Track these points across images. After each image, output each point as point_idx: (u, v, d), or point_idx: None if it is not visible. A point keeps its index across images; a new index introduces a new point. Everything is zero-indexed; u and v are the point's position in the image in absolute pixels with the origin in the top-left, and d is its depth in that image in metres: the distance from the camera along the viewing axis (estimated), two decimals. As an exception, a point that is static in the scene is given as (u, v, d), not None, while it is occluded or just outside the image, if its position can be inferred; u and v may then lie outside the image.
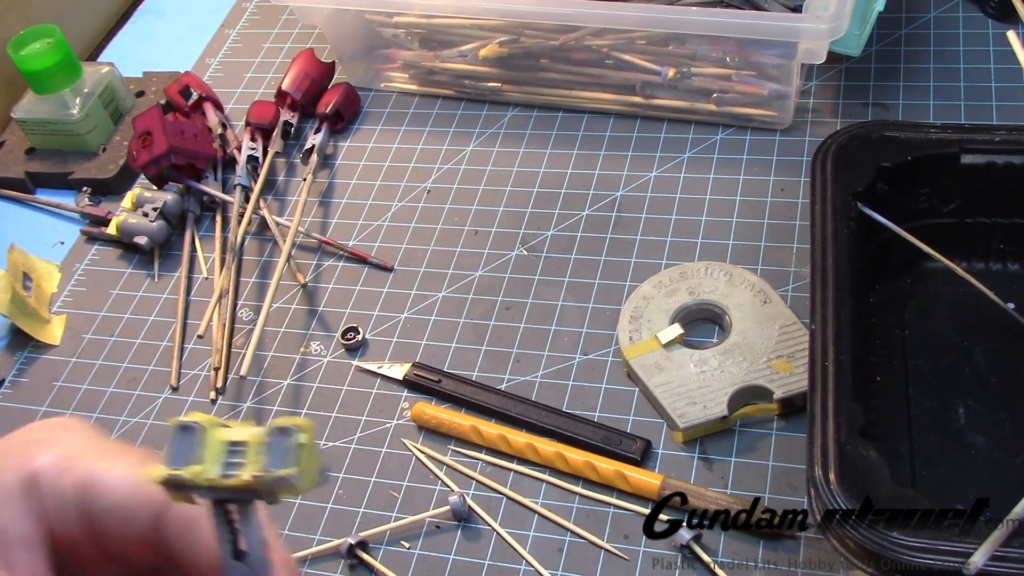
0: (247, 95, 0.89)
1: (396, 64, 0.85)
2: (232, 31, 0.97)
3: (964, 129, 0.60)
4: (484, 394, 0.64)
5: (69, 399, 0.71)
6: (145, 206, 0.78)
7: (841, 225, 0.56)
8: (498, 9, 0.74)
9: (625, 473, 0.58)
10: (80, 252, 0.81)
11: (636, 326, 0.64)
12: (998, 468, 0.54)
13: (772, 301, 0.63)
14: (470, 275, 0.72)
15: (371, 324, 0.70)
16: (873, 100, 0.76)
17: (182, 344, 0.72)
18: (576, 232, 0.73)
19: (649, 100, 0.78)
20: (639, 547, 0.57)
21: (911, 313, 0.61)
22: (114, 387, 0.71)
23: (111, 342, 0.74)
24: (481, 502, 0.60)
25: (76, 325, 0.76)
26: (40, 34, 0.83)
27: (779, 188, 0.72)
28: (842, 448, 0.48)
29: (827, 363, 0.51)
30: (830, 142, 0.60)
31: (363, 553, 0.59)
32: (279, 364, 0.70)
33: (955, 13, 0.80)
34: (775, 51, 0.71)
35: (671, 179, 0.74)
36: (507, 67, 0.80)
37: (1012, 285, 0.61)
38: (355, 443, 0.64)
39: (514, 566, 0.57)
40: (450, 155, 0.80)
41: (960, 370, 0.58)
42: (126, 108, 0.88)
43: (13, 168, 0.86)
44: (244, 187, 0.79)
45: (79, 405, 0.70)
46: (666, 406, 0.60)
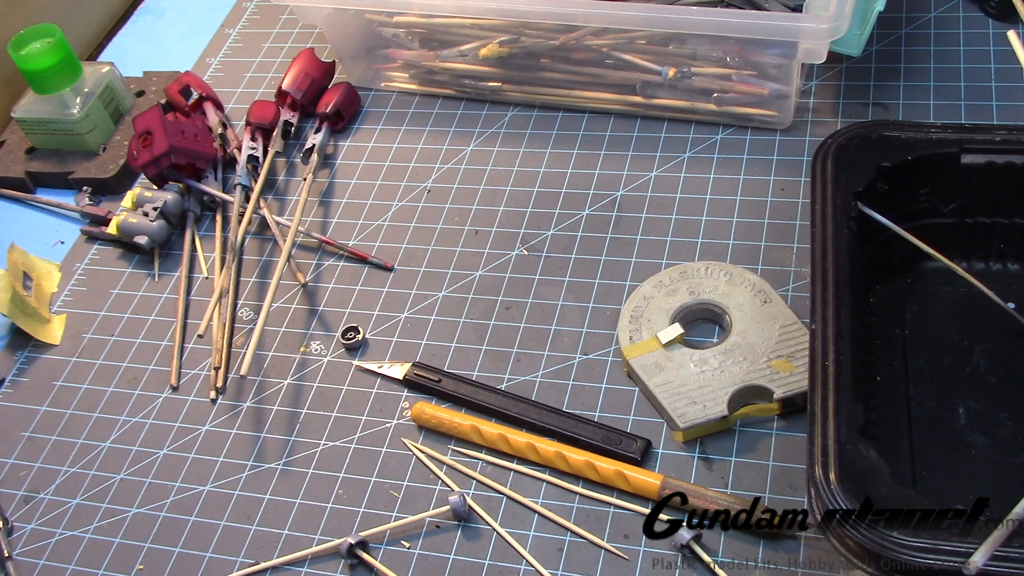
0: (247, 95, 0.89)
1: (396, 64, 0.85)
2: (232, 31, 0.97)
3: (964, 129, 0.60)
4: (484, 394, 0.64)
5: (69, 399, 0.71)
6: (145, 206, 0.78)
7: (841, 225, 0.57)
8: (498, 9, 0.74)
9: (625, 473, 0.58)
10: (80, 252, 0.81)
11: (636, 326, 0.64)
12: (998, 468, 0.54)
13: (772, 301, 0.63)
14: (470, 275, 0.72)
15: (371, 324, 0.70)
16: (873, 100, 0.76)
17: (182, 344, 0.72)
18: (576, 232, 0.73)
19: (649, 100, 0.78)
20: (639, 547, 0.57)
21: (911, 313, 0.61)
22: (114, 387, 0.71)
23: (111, 342, 0.74)
24: (481, 502, 0.60)
25: (76, 325, 0.76)
26: (40, 34, 0.83)
27: (779, 188, 0.72)
28: (842, 448, 0.48)
29: (827, 363, 0.51)
30: (830, 142, 0.60)
31: (363, 553, 0.59)
32: (279, 364, 0.70)
33: (955, 13, 0.80)
34: (775, 51, 0.71)
35: (671, 179, 0.74)
36: (507, 67, 0.80)
37: (1012, 285, 0.61)
38: (355, 443, 0.64)
39: (514, 566, 0.57)
40: (450, 155, 0.80)
41: (960, 370, 0.58)
42: (126, 108, 0.88)
43: (13, 168, 0.86)
44: (244, 187, 0.79)
45: (79, 405, 0.70)
46: (666, 406, 0.60)
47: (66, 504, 0.65)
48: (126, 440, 0.68)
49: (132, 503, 0.65)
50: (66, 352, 0.74)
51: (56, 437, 0.69)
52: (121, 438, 0.68)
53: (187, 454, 0.66)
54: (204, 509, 0.63)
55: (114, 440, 0.68)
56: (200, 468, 0.65)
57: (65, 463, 0.67)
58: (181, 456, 0.66)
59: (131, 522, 0.64)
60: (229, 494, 0.64)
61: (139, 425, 0.68)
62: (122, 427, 0.68)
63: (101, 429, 0.69)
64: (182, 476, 0.65)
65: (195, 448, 0.66)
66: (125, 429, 0.68)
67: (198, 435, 0.67)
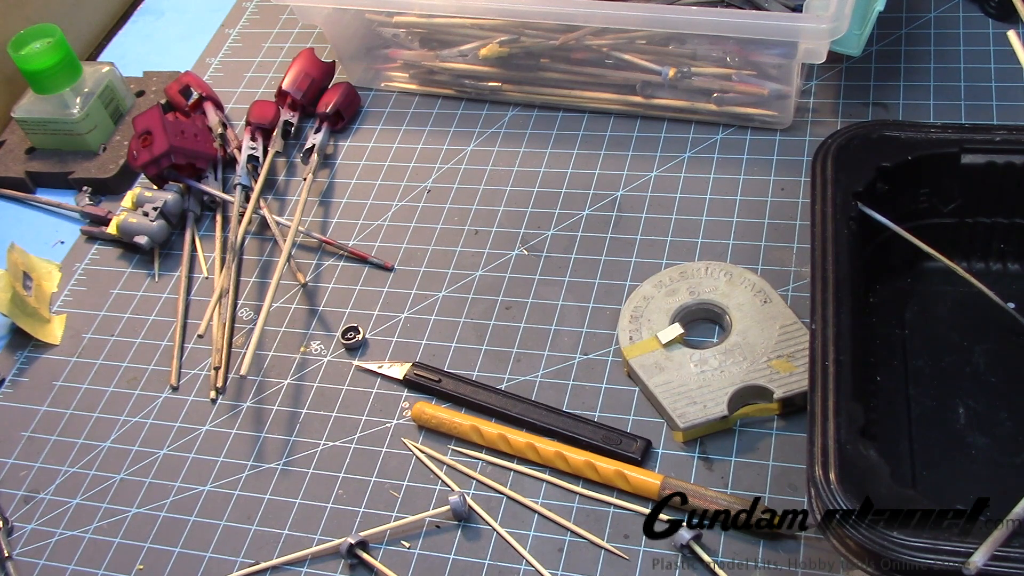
0: (247, 95, 0.89)
1: (396, 64, 0.85)
2: (232, 31, 0.97)
3: (964, 129, 0.60)
4: (484, 394, 0.64)
5: (69, 399, 0.71)
6: (145, 206, 0.78)
7: (841, 225, 0.56)
8: (498, 9, 0.74)
9: (625, 473, 0.58)
10: (80, 252, 0.81)
11: (636, 326, 0.64)
12: (998, 468, 0.54)
13: (772, 301, 0.63)
14: (470, 275, 0.72)
15: (371, 324, 0.70)
16: (873, 100, 0.76)
17: (182, 344, 0.72)
18: (576, 232, 0.73)
19: (649, 100, 0.78)
20: (639, 547, 0.57)
21: (911, 313, 0.61)
22: (114, 387, 0.71)
23: (111, 342, 0.74)
24: (481, 502, 0.60)
25: (76, 325, 0.76)
26: (40, 34, 0.83)
27: (779, 188, 0.72)
28: (842, 448, 0.48)
29: (827, 363, 0.51)
30: (830, 142, 0.60)
31: (363, 553, 0.59)
32: (279, 364, 0.70)
33: (955, 13, 0.80)
34: (775, 51, 0.71)
35: (671, 179, 0.74)
36: (507, 67, 0.80)
37: (1012, 285, 0.61)
38: (355, 443, 0.64)
39: (514, 566, 0.57)
40: (450, 155, 0.80)
41: (960, 370, 0.58)
42: (126, 108, 0.88)
43: (13, 168, 0.86)
44: (244, 187, 0.79)
45: (79, 405, 0.70)
46: (666, 406, 0.60)
47: (66, 504, 0.65)
48: (126, 440, 0.68)
49: (132, 503, 0.65)
50: (66, 352, 0.74)
51: (56, 437, 0.69)
52: (121, 438, 0.68)
53: (187, 454, 0.66)
54: (204, 509, 0.63)
55: (114, 440, 0.68)
56: (200, 468, 0.65)
57: (65, 463, 0.67)
58: (181, 456, 0.66)
59: (131, 522, 0.64)
60: (229, 494, 0.64)
61: (139, 425, 0.68)
62: (122, 427, 0.68)
63: (101, 429, 0.69)
64: (182, 476, 0.65)
65: (195, 448, 0.66)
66: (125, 429, 0.68)
67: (198, 435, 0.67)
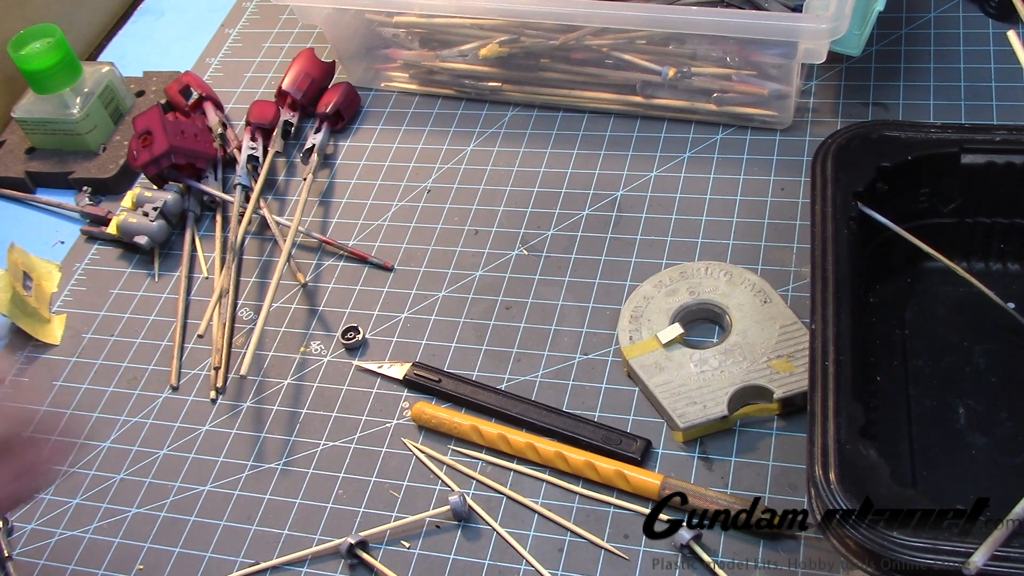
0: (247, 95, 0.89)
1: (396, 64, 0.85)
2: (232, 31, 0.97)
3: (964, 129, 0.60)
4: (484, 394, 0.64)
5: (69, 399, 0.71)
6: (145, 206, 0.78)
7: (841, 225, 0.56)
8: (498, 9, 0.74)
9: (625, 473, 0.58)
10: (80, 252, 0.81)
11: (636, 326, 0.64)
12: (998, 468, 0.54)
13: (772, 301, 0.63)
14: (470, 275, 0.72)
15: (371, 324, 0.70)
16: (873, 100, 0.76)
17: (182, 344, 0.72)
18: (576, 232, 0.73)
19: (649, 100, 0.78)
20: (639, 547, 0.57)
21: (911, 313, 0.61)
22: (114, 387, 0.71)
23: (111, 342, 0.74)
24: (481, 502, 0.60)
25: (76, 325, 0.76)
26: (40, 34, 0.83)
27: (779, 188, 0.72)
28: (842, 448, 0.48)
29: (827, 363, 0.51)
30: (830, 142, 0.60)
31: (363, 553, 0.59)
32: (279, 364, 0.70)
33: (955, 13, 0.80)
34: (775, 51, 0.71)
35: (671, 179, 0.74)
36: (507, 67, 0.80)
37: (1012, 285, 0.61)
38: (355, 443, 0.64)
39: (514, 566, 0.57)
40: (450, 155, 0.80)
41: (960, 370, 0.58)
42: (126, 108, 0.88)
43: (13, 168, 0.86)
44: (244, 187, 0.79)
45: (79, 405, 0.70)
46: (666, 406, 0.60)
47: (66, 504, 0.65)
48: (126, 440, 0.68)
49: (132, 503, 0.65)
50: (66, 352, 0.74)
51: (56, 437, 0.69)
52: (121, 438, 0.68)
53: (187, 454, 0.66)
54: (204, 509, 0.63)
55: (114, 440, 0.68)
56: (200, 468, 0.65)
57: (65, 463, 0.67)
58: (181, 456, 0.66)
59: (131, 522, 0.64)
60: (229, 494, 0.64)
61: (139, 425, 0.68)
62: (122, 427, 0.68)
63: (101, 429, 0.69)
64: (182, 476, 0.65)
65: (195, 448, 0.66)
66: (125, 429, 0.68)
67: (198, 435, 0.67)
